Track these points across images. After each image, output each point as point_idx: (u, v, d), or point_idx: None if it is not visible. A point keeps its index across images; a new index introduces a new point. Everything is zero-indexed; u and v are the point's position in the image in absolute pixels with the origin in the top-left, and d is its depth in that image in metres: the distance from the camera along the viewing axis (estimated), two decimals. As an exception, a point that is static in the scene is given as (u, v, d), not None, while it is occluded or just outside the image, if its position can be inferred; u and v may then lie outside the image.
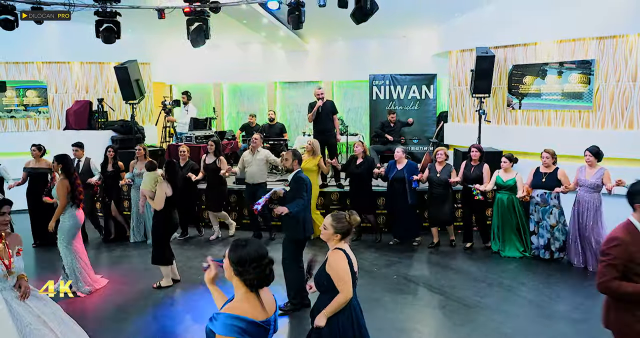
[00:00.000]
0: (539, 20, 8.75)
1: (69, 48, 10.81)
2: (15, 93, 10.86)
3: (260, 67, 13.09)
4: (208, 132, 10.36)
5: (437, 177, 7.52)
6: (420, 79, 11.82)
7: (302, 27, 7.18)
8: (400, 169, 7.62)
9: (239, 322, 2.28)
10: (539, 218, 6.99)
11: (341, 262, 3.30)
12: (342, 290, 3.27)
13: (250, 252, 2.37)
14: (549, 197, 6.90)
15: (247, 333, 2.29)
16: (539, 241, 7.04)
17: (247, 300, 2.37)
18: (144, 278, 6.56)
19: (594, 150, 6.63)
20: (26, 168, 7.92)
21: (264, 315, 2.38)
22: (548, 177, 6.89)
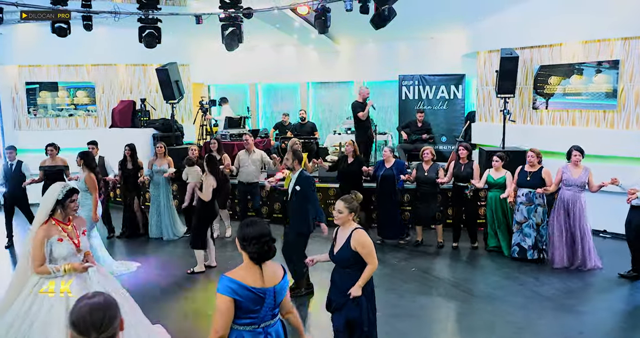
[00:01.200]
0: (565, 21, 8.83)
1: (116, 51, 11.52)
2: (67, 93, 11.70)
3: (294, 68, 13.58)
4: (242, 130, 10.88)
5: (425, 175, 7.66)
6: (449, 79, 12.03)
7: (327, 31, 7.58)
8: (389, 167, 7.80)
9: (232, 284, 2.70)
10: (524, 217, 7.00)
11: (368, 239, 3.79)
12: (372, 263, 3.77)
13: (252, 231, 2.78)
14: (534, 196, 6.94)
15: (238, 295, 2.68)
16: (526, 240, 7.02)
17: (247, 269, 2.79)
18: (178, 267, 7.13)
19: (581, 148, 6.77)
20: (42, 166, 8.16)
21: (259, 284, 2.75)
22: (532, 176, 6.95)
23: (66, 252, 4.01)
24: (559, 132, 9.06)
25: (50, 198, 4.06)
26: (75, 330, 1.87)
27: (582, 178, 6.70)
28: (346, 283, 3.81)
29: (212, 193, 6.67)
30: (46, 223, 4.03)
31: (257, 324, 2.76)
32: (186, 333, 5.06)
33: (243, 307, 2.70)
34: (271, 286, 2.79)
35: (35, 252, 3.93)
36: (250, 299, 2.72)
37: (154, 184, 8.53)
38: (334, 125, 13.25)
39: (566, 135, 8.82)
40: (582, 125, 8.90)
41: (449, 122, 12.01)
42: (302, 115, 11.77)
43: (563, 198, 6.81)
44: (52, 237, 3.97)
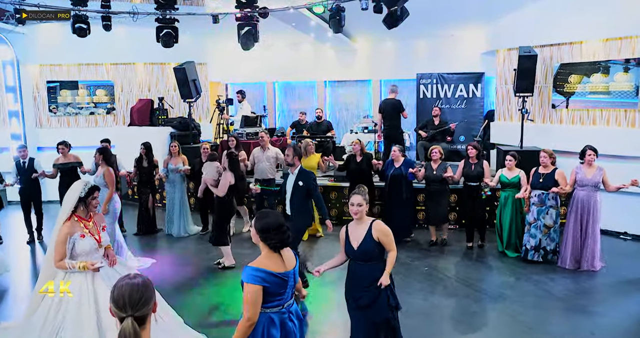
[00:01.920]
0: (585, 18, 8.68)
1: (134, 50, 11.68)
2: (87, 92, 11.89)
3: (311, 66, 13.58)
4: (258, 129, 10.93)
5: (434, 174, 7.70)
6: (468, 78, 11.90)
7: (342, 30, 7.56)
8: (398, 166, 7.85)
9: (260, 273, 2.93)
10: (534, 218, 6.94)
11: (387, 226, 3.92)
12: (393, 249, 3.94)
13: (271, 222, 3.01)
14: (546, 198, 6.87)
15: (267, 282, 2.92)
16: (530, 241, 6.97)
17: (268, 257, 3.03)
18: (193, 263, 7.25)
19: (595, 148, 6.71)
20: (55, 164, 8.34)
21: (283, 269, 3.01)
22: (546, 177, 6.88)
23: (88, 247, 4.19)
24: (579, 132, 8.91)
25: (72, 196, 4.22)
26: (115, 305, 2.12)
27: (596, 178, 6.65)
28: (372, 275, 3.89)
29: (228, 190, 6.75)
30: (69, 220, 4.20)
31: (281, 305, 3.05)
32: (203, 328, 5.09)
33: (271, 292, 2.97)
34: (291, 269, 3.08)
35: (58, 247, 4.11)
36: (276, 284, 2.98)
37: (170, 182, 8.69)
38: (350, 124, 13.22)
39: (586, 135, 8.65)
40: (603, 124, 8.74)
41: (467, 121, 11.88)
42: (319, 114, 11.77)
43: (577, 199, 6.78)
44: (75, 233, 4.14)
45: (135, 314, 2.09)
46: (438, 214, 7.85)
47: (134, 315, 2.09)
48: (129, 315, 2.08)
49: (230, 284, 6.37)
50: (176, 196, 8.68)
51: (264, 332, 2.98)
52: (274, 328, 3.00)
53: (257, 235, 3.03)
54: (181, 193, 8.71)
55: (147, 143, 8.69)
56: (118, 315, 2.12)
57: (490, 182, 7.41)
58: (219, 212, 6.88)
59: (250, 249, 7.48)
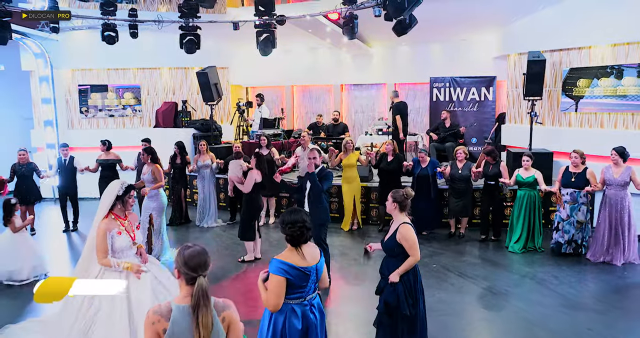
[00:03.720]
0: (594, 24, 8.88)
1: (159, 56, 12.24)
2: (115, 95, 12.51)
3: (328, 70, 13.96)
4: (276, 131, 11.37)
5: (459, 173, 8.19)
6: (480, 82, 12.15)
7: (355, 37, 7.94)
8: (425, 166, 8.31)
9: (283, 265, 3.24)
10: (567, 215, 7.31)
11: (412, 233, 4.11)
12: (413, 255, 4.12)
13: (289, 218, 3.34)
14: (578, 196, 7.25)
15: (289, 274, 3.22)
16: (564, 236, 7.36)
17: (291, 251, 3.34)
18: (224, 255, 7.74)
19: (620, 150, 7.06)
20: (98, 159, 9.16)
21: (304, 263, 3.30)
22: (577, 176, 7.24)
23: (125, 244, 4.35)
24: (588, 134, 9.12)
25: (111, 194, 4.38)
26: (187, 268, 2.54)
27: (623, 178, 6.98)
28: (391, 270, 4.20)
29: (254, 187, 7.20)
30: (107, 217, 4.35)
31: (303, 297, 3.32)
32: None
33: (294, 284, 3.24)
34: (314, 264, 3.35)
35: (99, 244, 4.26)
36: (299, 277, 3.26)
37: (200, 178, 9.39)
38: (366, 126, 13.56)
39: (595, 138, 8.89)
40: (611, 128, 8.94)
41: (479, 123, 12.13)
42: (335, 116, 12.17)
43: (607, 197, 7.15)
44: (112, 230, 4.29)
45: (204, 273, 2.55)
46: (459, 206, 8.34)
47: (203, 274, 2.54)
48: (200, 274, 2.53)
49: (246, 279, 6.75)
50: (206, 190, 9.37)
51: (285, 322, 3.26)
52: (295, 318, 3.26)
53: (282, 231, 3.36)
54: (210, 187, 9.38)
55: (180, 142, 9.42)
56: (189, 276, 2.53)
57: (508, 182, 7.84)
58: (245, 208, 7.31)
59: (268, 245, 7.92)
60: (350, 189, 8.79)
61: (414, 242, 4.11)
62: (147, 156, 7.69)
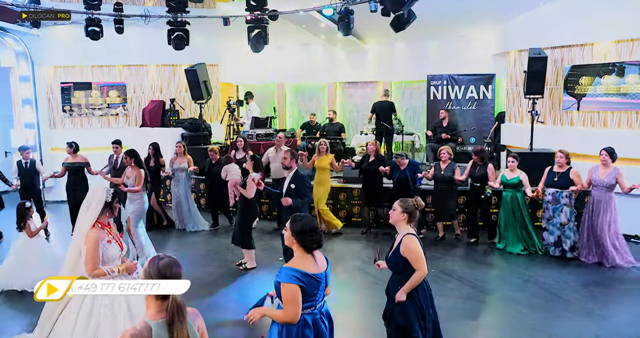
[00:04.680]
0: (596, 20, 8.62)
1: (146, 52, 11.82)
2: (99, 93, 12.05)
3: (322, 68, 13.58)
4: (268, 130, 10.99)
5: (442, 174, 7.95)
6: (479, 79, 11.85)
7: (351, 33, 7.60)
8: (403, 169, 7.98)
9: (296, 272, 3.06)
10: (550, 215, 7.21)
11: (416, 245, 3.81)
12: (419, 269, 3.79)
13: (308, 225, 3.15)
14: (560, 196, 7.12)
15: (302, 281, 3.04)
16: (549, 238, 7.25)
17: (302, 258, 3.16)
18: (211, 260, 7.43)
19: (610, 150, 6.89)
20: (64, 163, 8.68)
21: (316, 270, 3.14)
22: (560, 176, 7.13)
23: (116, 253, 4.10)
24: (590, 134, 8.86)
25: (98, 200, 4.08)
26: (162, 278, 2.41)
27: (610, 179, 6.83)
28: (393, 288, 3.90)
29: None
30: (94, 226, 4.06)
31: (314, 306, 3.17)
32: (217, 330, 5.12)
33: (307, 292, 3.07)
34: (323, 271, 3.20)
35: (91, 255, 3.95)
36: (311, 284, 3.09)
37: (175, 181, 8.97)
38: (361, 125, 13.22)
39: (597, 137, 8.62)
40: (614, 127, 8.68)
41: (478, 122, 11.85)
42: (330, 115, 11.88)
43: (593, 198, 7.00)
44: (103, 239, 4.03)
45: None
46: (445, 210, 8.12)
47: None
48: None
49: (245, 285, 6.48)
50: (181, 194, 8.95)
51: (298, 333, 3.09)
52: (307, 329, 3.11)
53: (293, 237, 3.14)
54: (186, 191, 8.96)
55: (155, 143, 8.94)
56: None
57: (494, 184, 7.64)
58: (243, 213, 6.94)
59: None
60: (317, 192, 8.32)
61: (419, 254, 3.79)
62: (130, 159, 7.29)
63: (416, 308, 3.81)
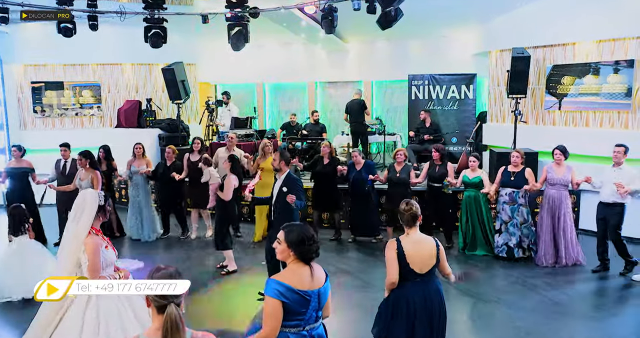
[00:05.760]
0: (578, 20, 8.64)
1: (121, 51, 11.48)
2: (72, 93, 11.64)
3: (302, 67, 13.39)
4: (249, 131, 10.76)
5: (397, 176, 7.72)
6: (460, 79, 11.81)
7: (334, 31, 7.44)
8: (359, 169, 7.85)
9: (279, 286, 2.79)
10: (509, 217, 7.14)
11: (389, 251, 3.67)
12: (387, 274, 3.69)
13: (305, 232, 2.90)
14: (517, 196, 7.11)
15: (285, 297, 2.77)
16: (512, 239, 7.16)
17: (293, 271, 2.88)
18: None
19: (563, 148, 6.99)
20: (7, 168, 8.11)
21: (308, 286, 2.86)
22: (516, 176, 7.14)
23: (113, 257, 3.95)
24: (572, 133, 8.87)
25: (92, 205, 3.86)
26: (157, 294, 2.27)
27: (566, 177, 6.92)
28: None
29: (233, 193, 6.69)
30: (89, 233, 3.84)
31: (302, 326, 2.87)
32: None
33: (291, 310, 2.80)
34: (316, 288, 2.90)
35: (94, 263, 3.74)
36: (297, 302, 2.82)
37: (133, 185, 8.49)
38: (342, 126, 13.08)
39: (579, 136, 8.66)
40: (596, 126, 8.72)
41: (459, 122, 11.79)
42: (317, 116, 11.76)
43: (548, 197, 7.03)
44: (101, 245, 3.84)
45: (176, 301, 2.27)
46: (395, 215, 7.74)
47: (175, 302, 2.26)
48: (171, 302, 2.24)
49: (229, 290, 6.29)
50: (140, 199, 8.47)
51: None
52: None
53: (289, 249, 2.88)
54: (145, 196, 8.51)
55: (106, 146, 8.48)
56: (159, 303, 2.26)
57: (454, 181, 7.58)
58: (221, 216, 6.77)
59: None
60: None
61: (388, 260, 3.65)
62: (85, 161, 7.02)
63: (383, 312, 3.79)
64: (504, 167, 7.35)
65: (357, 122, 10.98)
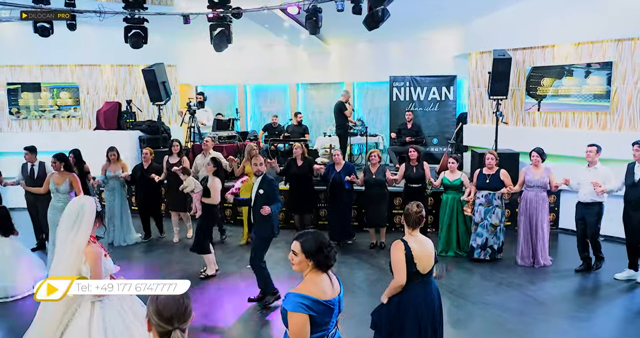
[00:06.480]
0: (558, 22, 8.78)
1: (101, 51, 11.26)
2: (50, 94, 11.40)
3: (284, 69, 13.32)
4: (231, 133, 10.67)
5: (373, 178, 7.70)
6: (440, 81, 11.92)
7: (319, 32, 7.41)
8: (339, 171, 7.83)
9: (304, 300, 2.63)
10: (481, 218, 7.16)
11: (398, 252, 3.64)
12: (394, 277, 3.65)
13: (321, 239, 2.76)
14: (493, 198, 7.13)
15: (312, 310, 2.63)
16: (477, 240, 7.20)
17: (314, 282, 2.73)
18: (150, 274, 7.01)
19: (540, 150, 7.05)
20: None
21: (331, 294, 2.74)
22: (491, 178, 7.15)
23: (111, 266, 3.82)
24: (552, 134, 9.00)
25: (91, 212, 3.67)
26: (160, 319, 2.03)
27: (543, 179, 6.94)
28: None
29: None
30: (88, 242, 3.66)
31: (326, 335, 2.77)
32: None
33: (317, 322, 2.67)
34: (336, 296, 2.80)
35: (98, 272, 3.58)
36: (323, 312, 2.69)
37: (109, 190, 8.34)
38: (324, 127, 13.06)
39: (559, 137, 8.79)
40: (575, 127, 8.86)
41: (440, 123, 11.92)
42: (300, 118, 11.74)
43: (526, 199, 7.06)
44: (102, 253, 3.71)
45: (182, 326, 2.06)
46: (377, 217, 7.86)
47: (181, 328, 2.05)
48: (176, 328, 2.03)
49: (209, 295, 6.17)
50: (116, 204, 8.31)
51: None
52: None
53: (307, 259, 2.73)
54: (121, 201, 8.36)
55: (76, 150, 8.24)
56: (163, 328, 2.03)
57: (435, 182, 7.60)
58: (205, 219, 6.63)
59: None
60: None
61: (397, 262, 3.63)
62: (59, 164, 6.82)
63: (390, 315, 3.73)
64: (479, 170, 7.35)
65: (336, 124, 11.03)
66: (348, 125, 10.94)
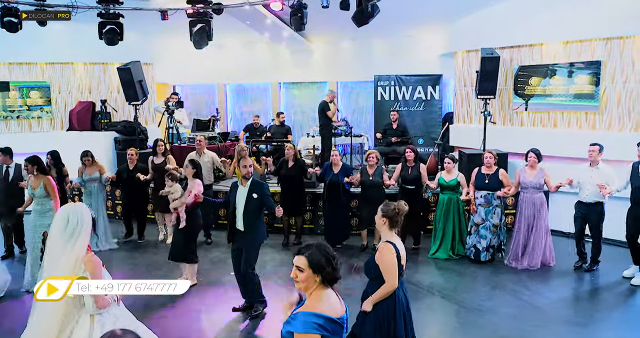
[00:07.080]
0: (546, 21, 8.65)
1: (73, 49, 10.85)
2: (19, 93, 10.87)
3: (265, 67, 12.98)
4: (211, 133, 10.31)
5: (370, 179, 7.54)
6: (426, 80, 11.74)
7: (304, 28, 7.14)
8: (336, 172, 7.65)
9: (317, 318, 2.40)
10: (482, 219, 7.03)
11: (389, 255, 3.56)
12: (388, 281, 3.55)
13: (327, 251, 2.54)
14: (492, 198, 7.02)
15: (325, 330, 2.40)
16: (481, 242, 7.04)
17: (321, 299, 2.49)
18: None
19: (537, 151, 6.92)
20: None
21: (341, 311, 2.53)
22: (490, 178, 7.04)
23: (109, 275, 3.65)
24: (541, 134, 8.88)
25: (87, 220, 3.51)
26: None
27: (538, 180, 6.82)
28: (366, 294, 3.70)
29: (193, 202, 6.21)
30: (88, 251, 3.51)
31: None
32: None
33: None
34: (345, 313, 2.59)
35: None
36: (335, 331, 2.47)
37: (86, 194, 8.05)
38: (306, 127, 12.78)
39: (547, 137, 8.67)
40: (564, 127, 8.75)
41: (426, 123, 11.73)
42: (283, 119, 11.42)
43: (523, 200, 6.96)
44: (100, 262, 3.53)
45: None
46: (372, 218, 7.53)
47: None
48: None
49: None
50: (93, 208, 7.86)
51: None
52: None
53: (315, 275, 2.48)
54: (98, 205, 8.03)
55: (54, 152, 7.91)
56: None
57: (432, 184, 7.45)
58: (188, 226, 6.27)
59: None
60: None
61: (389, 265, 3.56)
62: (32, 167, 6.49)
63: (377, 323, 3.57)
64: (477, 169, 7.21)
65: (319, 124, 10.68)
66: (332, 126, 10.66)
